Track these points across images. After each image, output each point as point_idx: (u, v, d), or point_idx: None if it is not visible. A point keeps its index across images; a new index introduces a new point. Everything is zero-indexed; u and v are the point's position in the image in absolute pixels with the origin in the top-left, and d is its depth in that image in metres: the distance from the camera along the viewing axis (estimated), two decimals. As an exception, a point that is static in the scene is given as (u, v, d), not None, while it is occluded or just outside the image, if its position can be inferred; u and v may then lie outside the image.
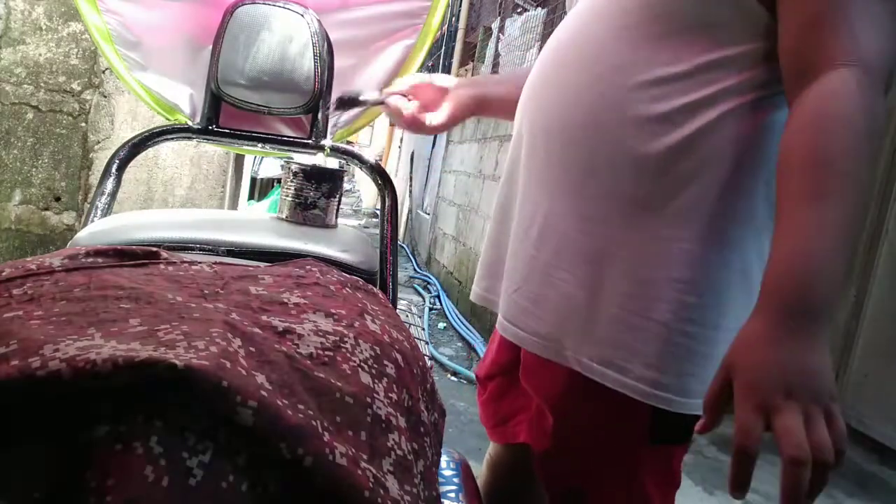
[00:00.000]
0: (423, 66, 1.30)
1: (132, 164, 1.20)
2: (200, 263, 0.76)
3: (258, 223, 1.11)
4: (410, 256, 6.50)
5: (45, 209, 2.58)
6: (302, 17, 1.15)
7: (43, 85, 2.52)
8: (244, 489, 0.46)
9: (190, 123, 1.23)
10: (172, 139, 1.23)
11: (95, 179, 2.17)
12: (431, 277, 5.40)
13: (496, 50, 4.71)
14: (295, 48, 1.15)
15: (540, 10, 3.96)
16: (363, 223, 8.28)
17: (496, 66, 4.65)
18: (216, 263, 0.78)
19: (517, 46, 4.15)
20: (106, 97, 2.56)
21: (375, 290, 0.84)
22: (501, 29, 4.63)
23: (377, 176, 1.24)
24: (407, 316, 1.38)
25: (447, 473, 0.94)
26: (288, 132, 1.28)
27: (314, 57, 1.15)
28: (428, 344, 3.15)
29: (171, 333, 0.52)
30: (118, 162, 1.15)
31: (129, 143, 1.18)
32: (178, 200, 2.64)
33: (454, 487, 0.92)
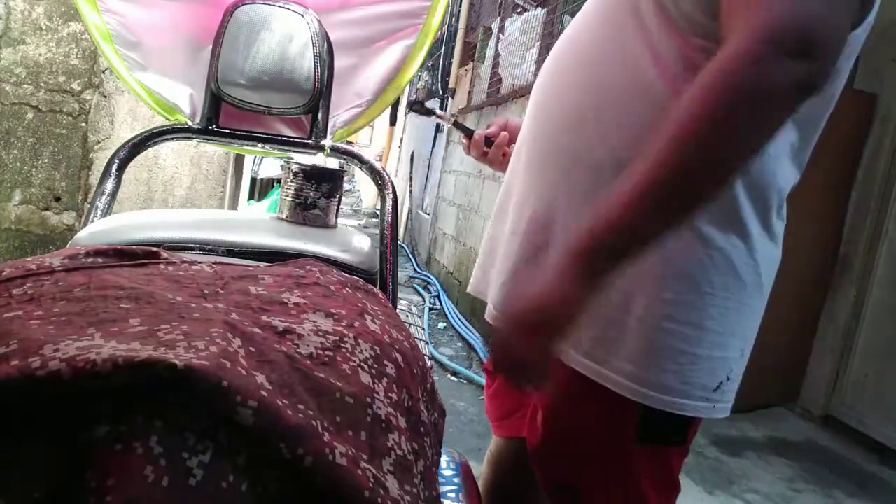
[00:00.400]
0: (422, 65, 1.30)
1: (132, 164, 1.20)
2: (200, 263, 0.76)
3: (258, 223, 1.11)
4: (410, 256, 6.49)
5: (45, 209, 2.58)
6: (302, 17, 1.15)
7: (43, 85, 2.52)
8: (244, 489, 0.46)
9: (190, 123, 1.23)
10: (172, 139, 1.23)
11: (95, 179, 2.17)
12: (431, 277, 5.40)
13: (496, 50, 4.70)
14: (295, 48, 1.15)
15: (540, 10, 3.95)
16: (363, 223, 8.28)
17: (496, 66, 4.65)
18: (216, 263, 0.78)
19: (517, 46, 4.14)
20: (106, 97, 2.56)
21: (375, 290, 0.84)
22: (501, 29, 4.63)
23: (377, 176, 1.24)
24: (407, 316, 1.37)
25: (447, 473, 0.94)
26: (288, 132, 1.28)
27: (314, 57, 1.15)
28: (428, 344, 3.15)
29: (171, 333, 0.52)
30: (118, 162, 1.15)
31: (129, 143, 1.18)
32: (178, 200, 2.64)
33: (454, 487, 0.92)
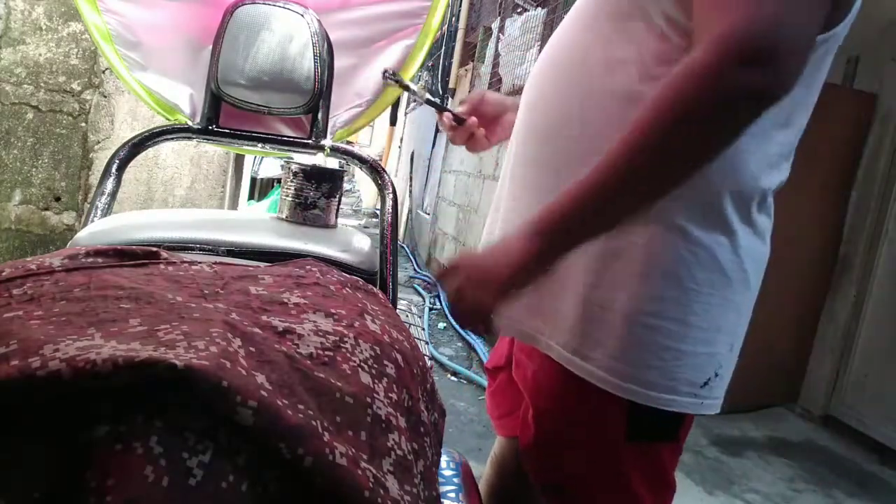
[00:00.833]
0: (422, 65, 1.30)
1: (132, 164, 1.20)
2: (200, 263, 0.76)
3: (258, 223, 1.11)
4: (410, 256, 6.49)
5: (45, 209, 2.58)
6: (302, 17, 1.15)
7: (43, 85, 2.52)
8: (244, 489, 0.46)
9: (190, 123, 1.23)
10: (172, 139, 1.23)
11: (95, 179, 2.17)
12: (431, 277, 5.39)
13: (496, 50, 4.70)
14: (295, 48, 1.15)
15: (540, 10, 3.96)
16: (363, 223, 8.28)
17: (496, 66, 4.65)
18: (216, 263, 0.78)
19: (517, 46, 4.14)
20: (106, 97, 2.56)
21: (375, 290, 0.84)
22: (501, 29, 4.63)
23: (377, 176, 1.24)
24: (407, 316, 1.38)
25: (447, 473, 0.95)
26: (288, 132, 1.28)
27: (314, 57, 1.15)
28: (428, 344, 3.15)
29: (171, 333, 0.52)
30: (118, 162, 1.15)
31: (129, 143, 1.18)
32: (178, 200, 2.64)
33: (454, 487, 0.92)
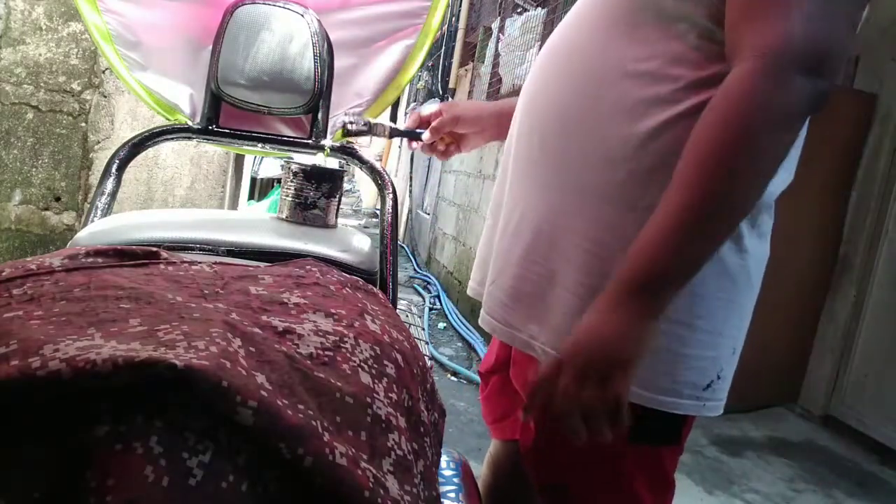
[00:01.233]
0: (422, 65, 1.30)
1: (132, 164, 1.20)
2: (200, 263, 0.76)
3: (258, 223, 1.11)
4: (410, 256, 6.49)
5: (45, 209, 2.58)
6: (302, 17, 1.15)
7: (43, 85, 2.52)
8: (244, 489, 0.46)
9: (190, 123, 1.23)
10: (172, 139, 1.23)
11: (95, 179, 2.17)
12: (431, 277, 5.40)
13: (496, 50, 4.70)
14: (295, 48, 1.15)
15: (540, 10, 3.95)
16: (363, 223, 8.28)
17: (496, 65, 4.65)
18: (216, 263, 0.78)
19: (517, 46, 4.14)
20: (106, 97, 2.56)
21: (375, 290, 0.84)
22: (501, 29, 4.63)
23: (377, 176, 1.24)
24: (407, 316, 1.37)
25: (447, 473, 0.94)
26: (288, 132, 1.28)
27: (314, 57, 1.15)
28: (428, 344, 3.15)
29: (171, 333, 0.52)
30: (118, 162, 1.15)
31: (129, 143, 1.17)
32: (178, 200, 2.64)
33: (454, 487, 0.92)
